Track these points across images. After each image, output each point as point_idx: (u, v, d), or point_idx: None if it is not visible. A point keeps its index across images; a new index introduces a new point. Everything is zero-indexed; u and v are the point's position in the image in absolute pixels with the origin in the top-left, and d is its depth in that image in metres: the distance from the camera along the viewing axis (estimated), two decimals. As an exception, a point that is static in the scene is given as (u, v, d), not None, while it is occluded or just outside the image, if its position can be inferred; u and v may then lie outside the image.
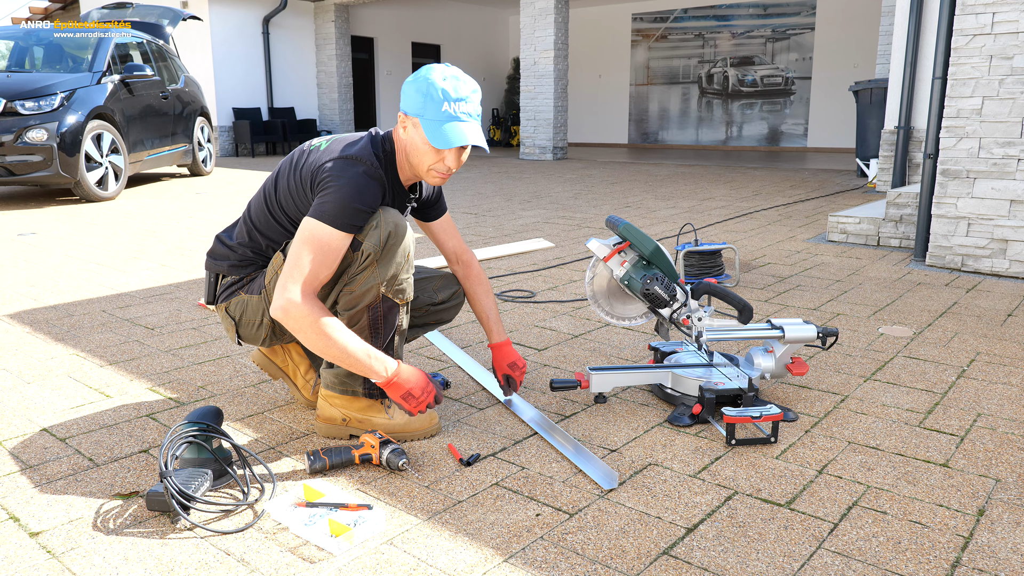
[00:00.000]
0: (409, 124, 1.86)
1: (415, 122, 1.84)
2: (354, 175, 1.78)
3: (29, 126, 6.30)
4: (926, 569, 1.45)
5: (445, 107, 1.81)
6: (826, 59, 14.22)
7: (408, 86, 1.86)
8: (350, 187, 1.77)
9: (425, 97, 1.82)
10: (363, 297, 1.86)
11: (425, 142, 1.84)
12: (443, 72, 1.83)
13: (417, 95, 1.83)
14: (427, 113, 1.82)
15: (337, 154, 1.83)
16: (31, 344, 2.83)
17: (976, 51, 3.89)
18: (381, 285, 1.86)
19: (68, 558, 1.48)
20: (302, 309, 1.72)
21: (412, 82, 1.85)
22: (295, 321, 1.74)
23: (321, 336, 1.74)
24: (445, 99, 1.81)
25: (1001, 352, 2.74)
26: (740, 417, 1.94)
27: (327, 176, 1.79)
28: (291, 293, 1.73)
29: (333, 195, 1.76)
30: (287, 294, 1.73)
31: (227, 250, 2.03)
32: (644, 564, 1.46)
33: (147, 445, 1.97)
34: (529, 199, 7.35)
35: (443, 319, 2.25)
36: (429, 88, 1.81)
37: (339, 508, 1.60)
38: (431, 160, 1.86)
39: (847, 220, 4.97)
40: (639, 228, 2.23)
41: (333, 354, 1.77)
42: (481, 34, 18.14)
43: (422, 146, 1.85)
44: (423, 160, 1.87)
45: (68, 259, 4.42)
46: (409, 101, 1.85)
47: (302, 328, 1.74)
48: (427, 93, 1.81)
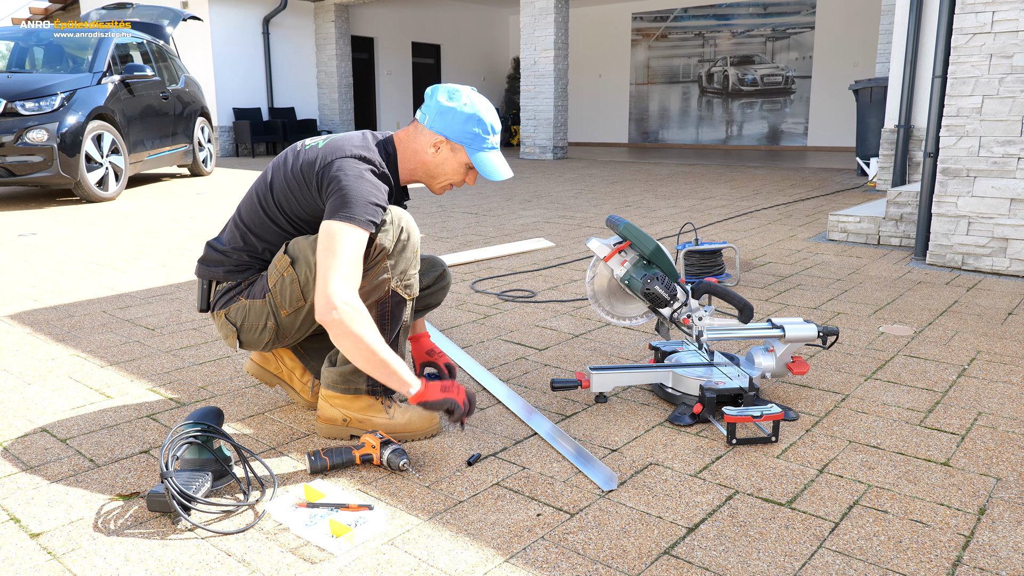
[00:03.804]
0: (447, 148, 1.96)
1: (458, 148, 1.97)
2: (368, 173, 1.84)
3: (29, 127, 6.30)
4: (927, 568, 1.45)
5: (490, 140, 1.98)
6: (826, 58, 14.21)
7: (454, 114, 1.94)
8: (367, 184, 1.82)
9: (475, 131, 1.95)
10: (374, 292, 1.87)
11: (463, 164, 1.99)
12: (485, 105, 1.98)
13: (467, 127, 1.94)
14: (475, 144, 1.96)
15: (347, 153, 1.86)
16: (32, 345, 2.83)
17: (976, 50, 3.89)
18: (392, 280, 1.88)
19: (69, 559, 1.48)
20: (355, 310, 1.73)
21: (459, 112, 1.94)
22: (346, 324, 1.71)
23: (363, 339, 1.74)
24: (492, 133, 1.98)
25: (1002, 351, 2.74)
26: (741, 416, 1.94)
27: (339, 174, 1.81)
28: (343, 295, 1.72)
29: (351, 193, 1.78)
30: (338, 296, 1.71)
31: (220, 256, 2.01)
32: (645, 564, 1.46)
33: (148, 446, 1.97)
34: (529, 199, 7.35)
35: (431, 303, 2.27)
36: (480, 123, 1.95)
37: (340, 508, 1.60)
38: (459, 179, 2.02)
39: (847, 219, 4.97)
40: (639, 227, 2.23)
41: (367, 359, 1.77)
42: (481, 34, 18.13)
43: (458, 167, 1.99)
44: (449, 179, 2.01)
45: (68, 260, 4.42)
46: (454, 129, 1.95)
47: (351, 331, 1.72)
48: (478, 127, 1.95)
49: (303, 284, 1.89)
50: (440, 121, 1.94)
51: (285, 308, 1.94)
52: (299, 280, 1.89)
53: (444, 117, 1.94)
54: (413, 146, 1.98)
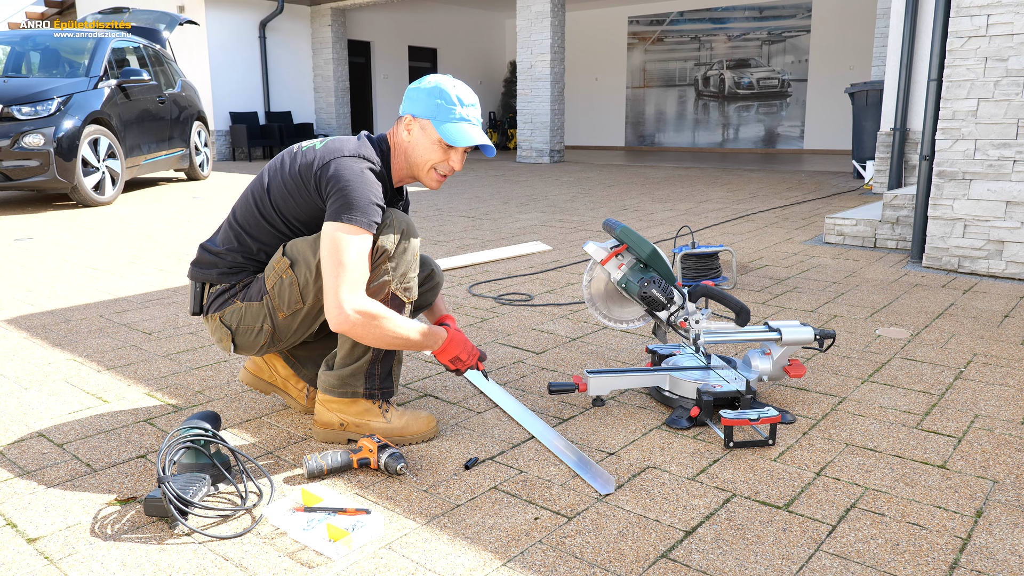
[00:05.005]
0: (416, 126, 1.96)
1: (425, 124, 1.95)
2: (366, 173, 1.85)
3: (26, 131, 6.29)
4: (924, 571, 1.45)
5: (458, 111, 1.95)
6: (822, 61, 14.25)
7: (417, 92, 1.96)
8: (367, 184, 1.83)
9: (438, 102, 1.94)
10: (375, 294, 1.88)
11: (435, 142, 1.95)
12: (452, 81, 1.98)
13: (429, 99, 1.94)
14: (439, 116, 1.94)
15: (345, 153, 1.87)
16: (28, 349, 2.82)
17: (971, 53, 3.91)
18: (393, 282, 1.88)
19: (66, 564, 1.47)
20: (368, 313, 1.77)
21: (422, 88, 1.96)
22: (363, 328, 1.79)
23: (386, 333, 1.81)
24: (458, 103, 1.95)
25: (998, 353, 2.75)
26: (738, 419, 1.94)
27: (339, 173, 1.82)
28: (354, 301, 1.77)
29: (352, 194, 1.80)
30: (350, 303, 1.76)
31: (214, 258, 1.99)
32: (643, 567, 1.46)
33: (145, 450, 1.97)
34: (526, 202, 7.36)
35: (422, 304, 2.24)
36: (442, 94, 1.94)
37: (337, 512, 1.60)
38: (436, 159, 1.97)
39: (844, 222, 4.98)
40: (636, 231, 2.23)
41: (397, 345, 1.86)
42: (478, 37, 18.16)
43: (430, 146, 1.96)
44: (428, 159, 1.97)
45: (65, 264, 4.41)
46: (419, 105, 1.95)
47: (369, 333, 1.80)
48: (440, 98, 1.94)
49: (302, 286, 1.89)
50: (407, 102, 1.98)
51: (283, 310, 1.93)
52: (298, 282, 1.89)
53: (409, 97, 1.98)
54: (396, 139, 2.00)
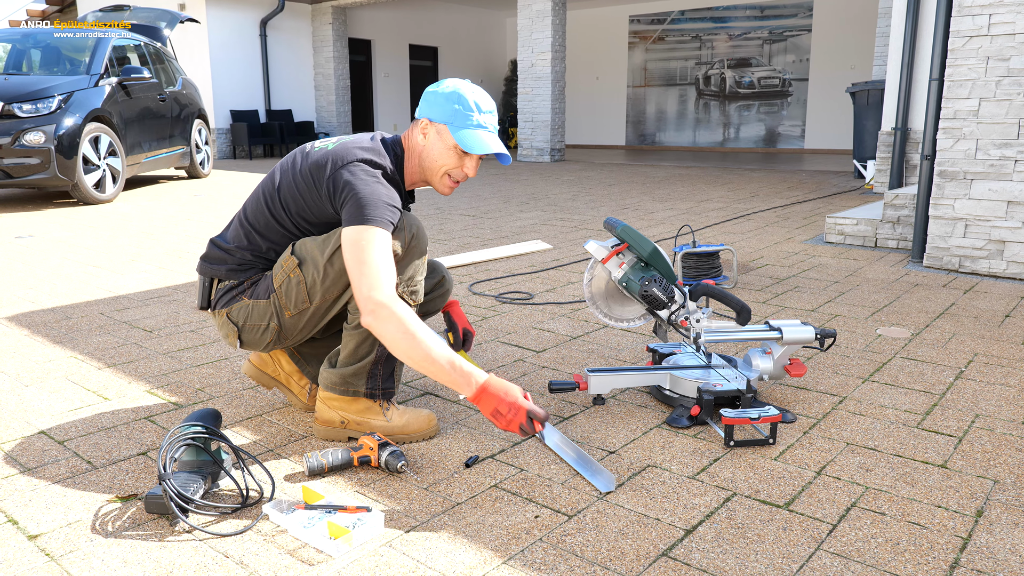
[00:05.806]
0: (432, 131, 1.94)
1: (441, 128, 1.93)
2: (381, 175, 1.85)
3: (26, 129, 6.29)
4: (924, 570, 1.45)
5: (475, 117, 1.93)
6: (823, 61, 14.25)
7: (435, 96, 1.94)
8: (381, 188, 1.82)
9: (456, 107, 1.92)
10: None
11: (450, 147, 1.93)
12: (471, 87, 1.96)
13: (447, 104, 1.92)
14: (456, 121, 1.92)
15: (357, 156, 1.86)
16: (29, 347, 2.82)
17: (973, 53, 3.90)
18: (400, 286, 1.87)
19: (67, 561, 1.47)
20: (397, 311, 1.69)
21: (439, 93, 1.94)
22: (391, 324, 1.69)
23: (411, 339, 1.69)
24: (476, 110, 1.93)
25: (999, 353, 2.75)
26: (738, 418, 1.94)
27: (352, 180, 1.81)
28: (382, 296, 1.69)
29: (367, 197, 1.78)
30: (379, 297, 1.69)
31: (224, 254, 2.00)
32: (643, 566, 1.46)
33: (146, 448, 1.97)
34: (527, 201, 7.35)
35: (429, 310, 2.24)
36: (460, 99, 1.92)
37: (338, 510, 1.60)
38: (451, 165, 1.95)
39: (845, 221, 4.98)
40: (637, 230, 2.23)
41: (416, 359, 1.70)
42: (478, 36, 18.15)
43: (445, 151, 1.94)
44: (443, 165, 1.95)
45: (66, 261, 4.41)
46: (436, 110, 1.93)
47: (395, 333, 1.69)
48: (458, 103, 1.92)
49: (309, 286, 1.89)
50: (425, 106, 1.96)
51: (290, 309, 1.93)
52: (306, 282, 1.89)
53: (427, 101, 1.96)
54: (411, 143, 1.98)
